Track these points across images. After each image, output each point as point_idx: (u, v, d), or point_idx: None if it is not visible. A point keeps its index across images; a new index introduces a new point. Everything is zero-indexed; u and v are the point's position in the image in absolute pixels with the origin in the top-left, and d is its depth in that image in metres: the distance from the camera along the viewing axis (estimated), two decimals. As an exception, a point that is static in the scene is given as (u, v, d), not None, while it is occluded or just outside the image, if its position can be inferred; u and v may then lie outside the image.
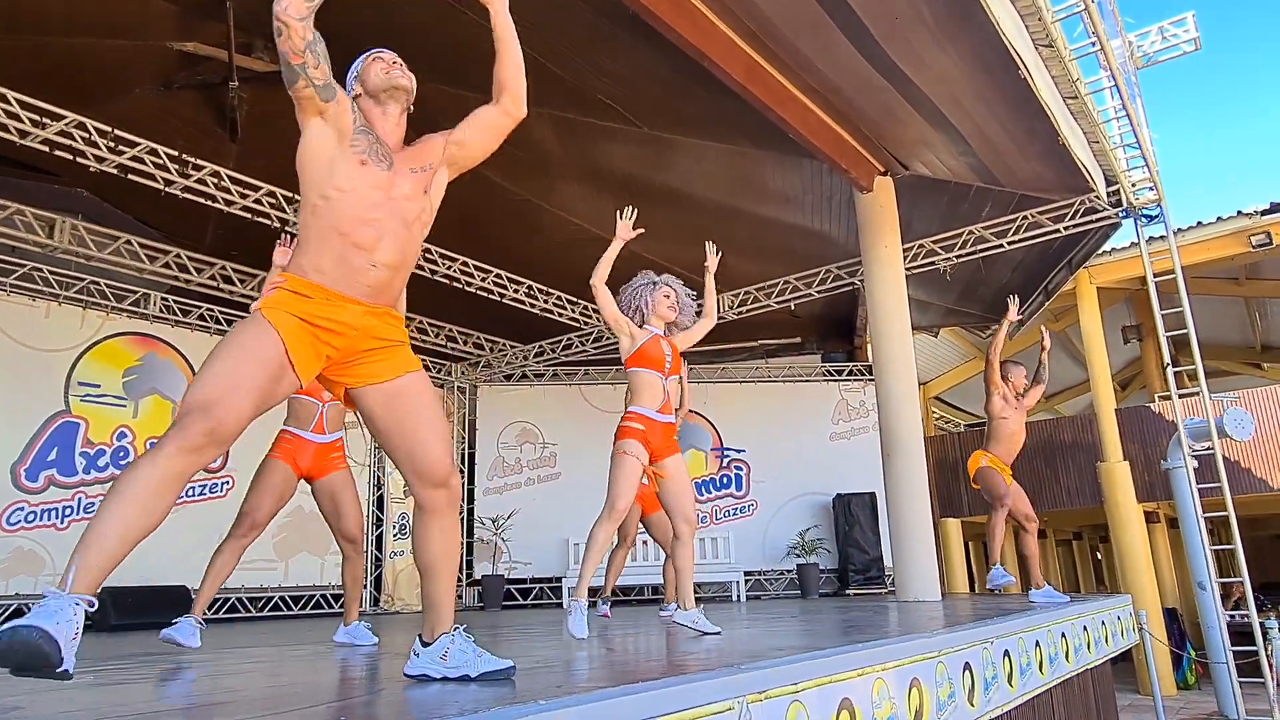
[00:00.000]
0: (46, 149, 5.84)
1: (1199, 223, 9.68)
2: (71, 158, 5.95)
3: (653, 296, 3.91)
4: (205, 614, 3.83)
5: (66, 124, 5.85)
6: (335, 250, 2.10)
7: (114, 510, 1.73)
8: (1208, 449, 7.17)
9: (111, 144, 6.04)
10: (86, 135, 5.94)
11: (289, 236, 4.03)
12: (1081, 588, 18.73)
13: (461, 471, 10.87)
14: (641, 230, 4.13)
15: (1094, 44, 5.21)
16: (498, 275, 8.97)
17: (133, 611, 6.46)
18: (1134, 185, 7.05)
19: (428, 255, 8.37)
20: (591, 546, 3.53)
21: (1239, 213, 9.45)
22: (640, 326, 3.91)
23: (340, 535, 4.00)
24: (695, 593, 3.73)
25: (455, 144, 2.42)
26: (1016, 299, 6.45)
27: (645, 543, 9.91)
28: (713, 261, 4.30)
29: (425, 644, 2.14)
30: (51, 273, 7.49)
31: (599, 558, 3.55)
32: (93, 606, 1.67)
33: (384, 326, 2.17)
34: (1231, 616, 8.66)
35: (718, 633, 3.56)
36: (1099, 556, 20.14)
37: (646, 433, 3.69)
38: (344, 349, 2.11)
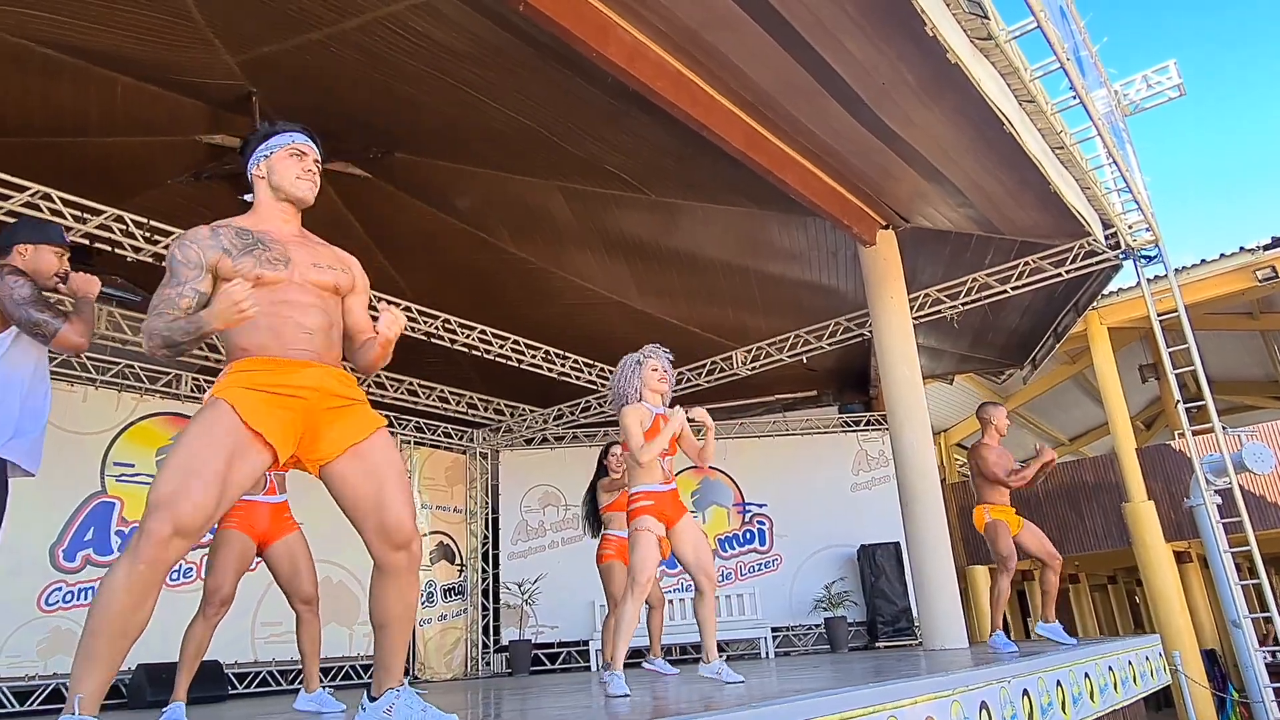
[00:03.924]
0: (87, 242, 6.17)
1: (1203, 260, 9.80)
2: (110, 249, 6.28)
3: (641, 375, 3.93)
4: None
5: (106, 218, 6.19)
6: (266, 329, 2.12)
7: (96, 644, 1.82)
8: (1227, 484, 7.16)
9: (147, 234, 6.37)
10: (124, 227, 6.28)
11: None
12: (1120, 631, 18.29)
13: (486, 537, 11.05)
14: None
15: (1075, 98, 5.44)
16: (515, 342, 9.20)
17: (168, 687, 6.55)
18: (1130, 227, 7.22)
19: (446, 325, 8.62)
20: (622, 622, 3.59)
21: (1241, 249, 9.57)
22: (634, 403, 3.89)
23: (298, 598, 3.93)
24: (721, 650, 3.80)
25: (346, 302, 2.37)
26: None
27: (670, 602, 9.90)
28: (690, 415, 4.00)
29: (371, 699, 2.14)
30: (89, 358, 7.80)
31: (631, 632, 3.60)
32: None
33: (342, 385, 2.18)
34: (1273, 654, 8.51)
35: (741, 681, 3.63)
36: (1136, 600, 19.70)
37: (659, 506, 3.79)
38: (308, 412, 2.10)
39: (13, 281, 2.93)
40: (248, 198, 2.40)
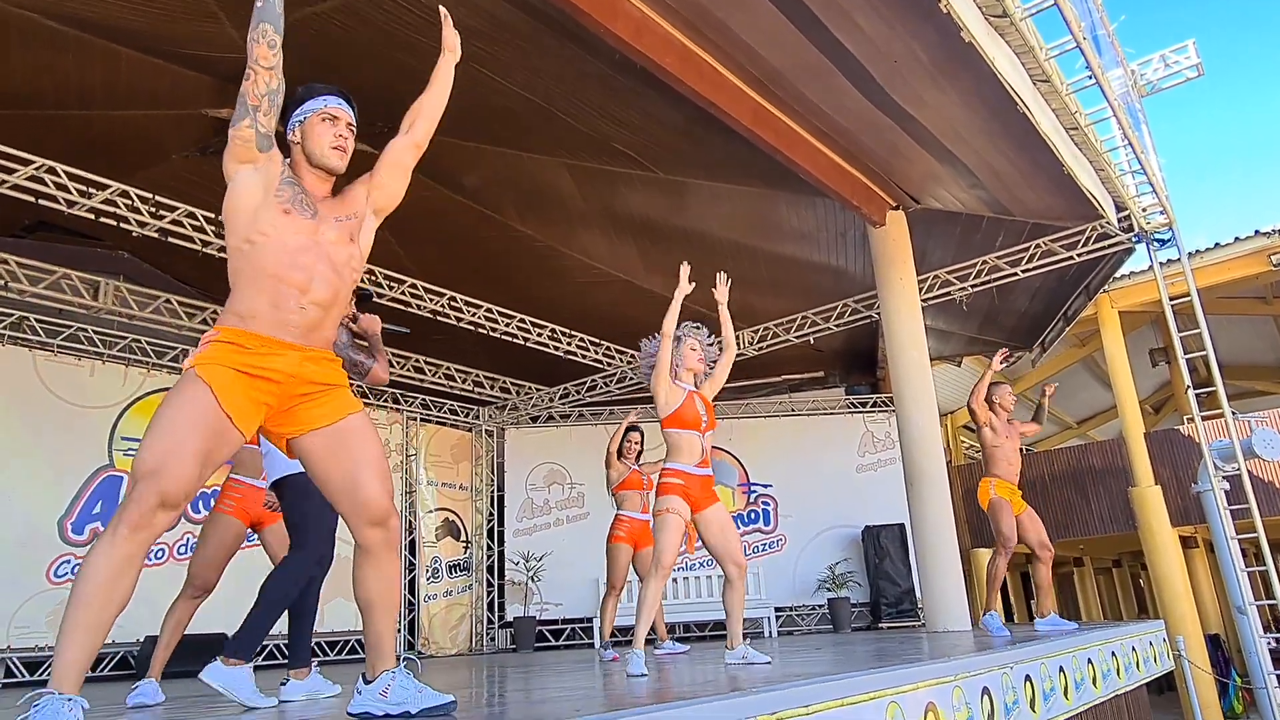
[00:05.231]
0: (93, 216, 6.16)
1: (1217, 244, 9.69)
2: (116, 224, 6.27)
3: (680, 351, 3.98)
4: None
5: (111, 193, 6.17)
6: (268, 293, 2.14)
7: (77, 612, 1.83)
8: (1236, 470, 7.12)
9: (153, 209, 6.35)
10: (129, 202, 6.26)
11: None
12: (1123, 616, 18.32)
13: (491, 514, 11.10)
14: (694, 283, 4.22)
15: (1090, 78, 5.34)
16: (521, 320, 9.19)
17: (178, 659, 6.62)
18: (1144, 210, 7.12)
19: (453, 303, 8.60)
20: (644, 602, 3.61)
21: (1257, 232, 9.47)
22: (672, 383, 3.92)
23: None
24: (724, 631, 3.82)
25: (376, 188, 2.45)
26: (1002, 355, 6.14)
27: (682, 579, 9.94)
28: (723, 292, 4.35)
29: (367, 682, 2.16)
30: (96, 332, 7.82)
31: (653, 612, 3.64)
32: (86, 708, 1.81)
33: (320, 371, 2.20)
34: (1277, 640, 8.50)
35: (768, 662, 3.63)
36: (1140, 584, 19.72)
37: (686, 487, 3.78)
38: (280, 396, 2.13)
39: None
40: (285, 160, 2.43)
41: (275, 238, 2.17)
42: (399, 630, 7.55)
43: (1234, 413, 7.17)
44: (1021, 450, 6.12)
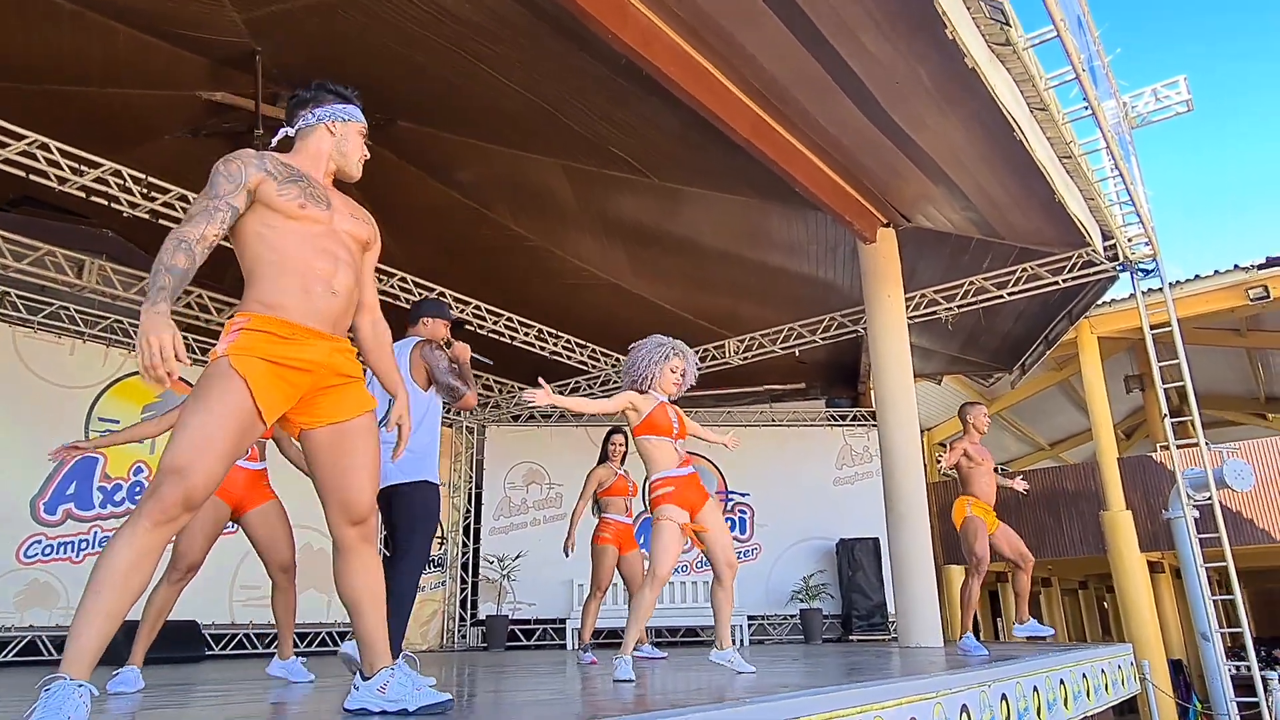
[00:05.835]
0: (83, 195, 6.09)
1: (1196, 276, 9.88)
2: (106, 203, 6.20)
3: (661, 369, 3.90)
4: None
5: (103, 171, 6.10)
6: (295, 282, 2.13)
7: (93, 599, 1.85)
8: (1207, 499, 7.25)
9: (144, 190, 6.29)
10: (121, 182, 6.19)
11: None
12: (1087, 637, 18.56)
13: (468, 511, 11.05)
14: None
15: (1087, 108, 5.44)
16: (509, 319, 9.17)
17: (152, 646, 6.54)
18: (1130, 240, 7.25)
19: (441, 298, 8.57)
20: (638, 610, 3.59)
21: (1236, 266, 9.65)
22: (643, 393, 3.90)
23: (275, 566, 3.91)
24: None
25: (369, 259, 2.43)
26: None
27: (678, 584, 9.94)
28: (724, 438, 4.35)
29: (365, 678, 2.17)
30: (78, 311, 7.71)
31: (645, 620, 3.64)
32: (95, 694, 1.83)
33: (346, 362, 2.21)
34: (1237, 668, 8.66)
35: (752, 672, 3.65)
36: (1105, 606, 19.99)
37: (679, 492, 3.73)
38: (310, 386, 2.14)
39: (438, 354, 3.63)
40: (289, 132, 2.40)
41: (294, 221, 2.17)
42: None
43: (1208, 443, 7.31)
44: (997, 469, 6.17)
